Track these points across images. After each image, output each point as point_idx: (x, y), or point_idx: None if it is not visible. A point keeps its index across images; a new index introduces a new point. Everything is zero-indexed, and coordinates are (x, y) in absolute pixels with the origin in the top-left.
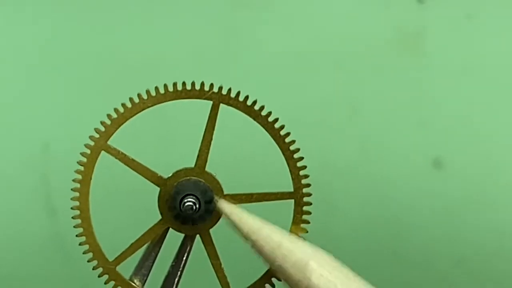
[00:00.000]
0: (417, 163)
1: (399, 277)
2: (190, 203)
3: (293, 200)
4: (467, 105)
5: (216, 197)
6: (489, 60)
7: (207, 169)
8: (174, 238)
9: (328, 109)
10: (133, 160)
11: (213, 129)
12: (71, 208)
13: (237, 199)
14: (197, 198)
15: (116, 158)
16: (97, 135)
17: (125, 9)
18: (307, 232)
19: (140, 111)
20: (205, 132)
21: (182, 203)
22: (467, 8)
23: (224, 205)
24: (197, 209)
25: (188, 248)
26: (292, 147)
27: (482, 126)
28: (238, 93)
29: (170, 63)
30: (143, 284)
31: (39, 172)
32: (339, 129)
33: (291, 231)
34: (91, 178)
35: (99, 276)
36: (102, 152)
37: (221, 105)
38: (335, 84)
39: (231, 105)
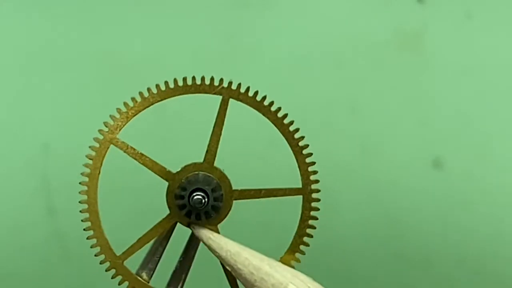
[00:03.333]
0: (417, 163)
1: (398, 276)
2: (199, 197)
3: (301, 196)
4: (467, 105)
5: (192, 225)
6: (489, 60)
7: (215, 164)
8: (181, 233)
9: (328, 108)
10: (141, 154)
11: (223, 124)
12: (79, 202)
13: (246, 194)
14: (206, 192)
15: (124, 152)
16: (106, 129)
17: (127, 8)
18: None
19: (150, 105)
20: (214, 127)
21: (191, 196)
22: (467, 8)
23: (201, 232)
24: (206, 203)
25: (196, 243)
26: (301, 143)
27: (482, 126)
28: (247, 88)
29: (171, 64)
30: (150, 279)
31: (39, 172)
32: (339, 129)
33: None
34: (99, 172)
35: (106, 270)
36: (111, 146)
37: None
38: (335, 83)
39: (240, 100)
